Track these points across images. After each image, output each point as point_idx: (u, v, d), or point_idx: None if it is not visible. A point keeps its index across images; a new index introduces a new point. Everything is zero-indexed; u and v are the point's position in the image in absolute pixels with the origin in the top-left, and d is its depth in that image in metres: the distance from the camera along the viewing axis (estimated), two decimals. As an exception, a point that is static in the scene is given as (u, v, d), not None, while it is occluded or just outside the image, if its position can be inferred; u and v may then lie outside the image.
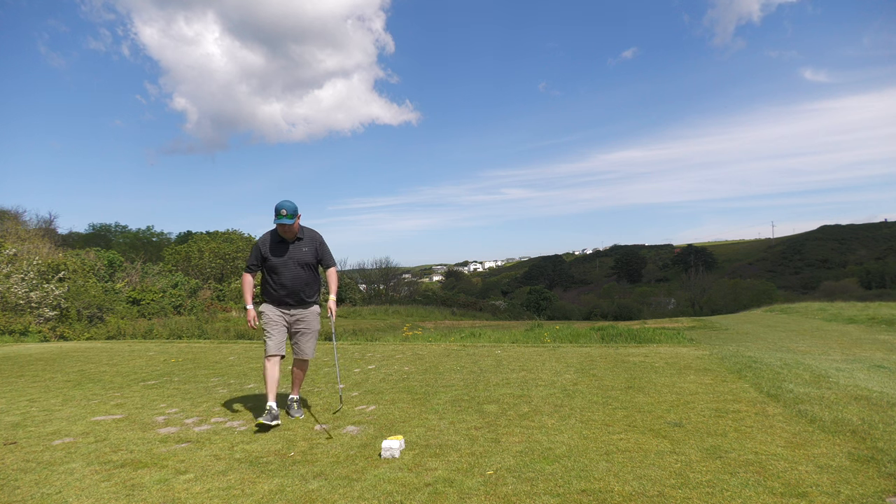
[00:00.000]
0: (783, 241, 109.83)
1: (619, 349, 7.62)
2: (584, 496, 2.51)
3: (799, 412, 3.80)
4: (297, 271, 4.08)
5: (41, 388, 5.80)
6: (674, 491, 2.53)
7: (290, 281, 4.06)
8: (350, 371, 6.37)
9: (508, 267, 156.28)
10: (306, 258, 4.12)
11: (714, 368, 5.72)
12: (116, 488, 2.78)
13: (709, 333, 11.26)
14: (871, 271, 66.00)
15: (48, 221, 27.63)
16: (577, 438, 3.38)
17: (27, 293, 14.89)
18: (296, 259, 4.08)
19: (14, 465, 3.20)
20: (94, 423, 4.19)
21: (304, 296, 4.15)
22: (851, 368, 5.71)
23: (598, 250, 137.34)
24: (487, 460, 3.03)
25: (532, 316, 33.49)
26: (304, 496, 2.62)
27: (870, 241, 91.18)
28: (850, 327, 11.48)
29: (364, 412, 4.28)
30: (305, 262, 4.11)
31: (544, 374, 5.64)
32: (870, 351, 7.46)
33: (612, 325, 12.59)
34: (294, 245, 4.11)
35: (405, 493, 2.60)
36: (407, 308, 37.31)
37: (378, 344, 9.65)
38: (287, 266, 4.06)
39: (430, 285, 75.44)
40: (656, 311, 46.59)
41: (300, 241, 4.14)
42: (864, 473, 2.66)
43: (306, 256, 4.12)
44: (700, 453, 3.03)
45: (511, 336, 10.78)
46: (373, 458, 3.15)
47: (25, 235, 20.07)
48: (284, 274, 4.06)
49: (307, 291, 4.16)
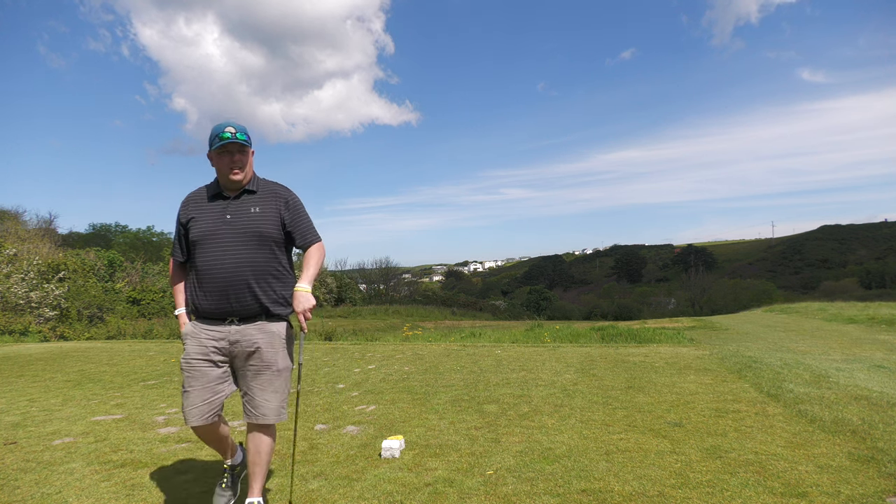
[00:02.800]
0: (783, 241, 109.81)
1: (619, 349, 7.62)
2: (584, 496, 2.51)
3: (799, 412, 3.80)
4: (242, 251, 2.32)
5: (41, 388, 5.80)
6: (674, 491, 2.53)
7: (227, 270, 2.30)
8: (350, 371, 6.37)
9: (508, 267, 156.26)
10: (260, 226, 2.36)
11: (714, 368, 5.72)
12: (116, 488, 2.78)
13: (709, 333, 11.26)
14: (871, 271, 66.01)
15: (48, 221, 27.62)
16: (577, 438, 3.38)
17: (27, 293, 14.89)
18: (239, 228, 2.34)
19: (14, 465, 3.19)
20: (95, 423, 4.18)
21: (255, 299, 2.34)
22: (851, 368, 5.71)
23: (598, 250, 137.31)
24: (487, 460, 3.03)
25: (532, 316, 33.46)
26: (304, 496, 2.62)
27: (870, 241, 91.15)
28: (850, 327, 11.48)
29: (364, 412, 4.28)
30: (258, 232, 2.35)
31: (544, 374, 5.64)
32: (870, 351, 7.45)
33: (612, 325, 12.58)
34: (237, 203, 2.38)
35: (405, 493, 2.61)
36: (407, 308, 37.30)
37: (378, 344, 9.66)
38: (222, 241, 2.32)
39: (430, 285, 75.42)
40: (656, 311, 46.53)
41: (250, 195, 2.41)
42: (864, 473, 2.66)
43: (261, 223, 2.36)
44: (700, 453, 3.03)
45: (511, 336, 10.78)
46: (373, 458, 3.15)
47: (25, 235, 20.08)
48: (217, 256, 2.31)
49: (263, 292, 2.35)
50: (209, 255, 2.33)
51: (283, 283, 2.44)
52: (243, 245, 2.33)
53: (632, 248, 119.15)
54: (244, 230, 2.34)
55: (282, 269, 2.43)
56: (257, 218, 2.37)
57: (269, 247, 2.38)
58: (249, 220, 2.36)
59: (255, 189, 2.43)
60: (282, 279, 2.43)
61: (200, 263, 2.34)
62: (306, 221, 2.49)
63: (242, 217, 2.36)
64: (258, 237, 2.35)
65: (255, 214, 2.37)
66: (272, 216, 2.40)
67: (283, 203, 2.44)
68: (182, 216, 2.44)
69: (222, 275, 2.30)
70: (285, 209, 2.44)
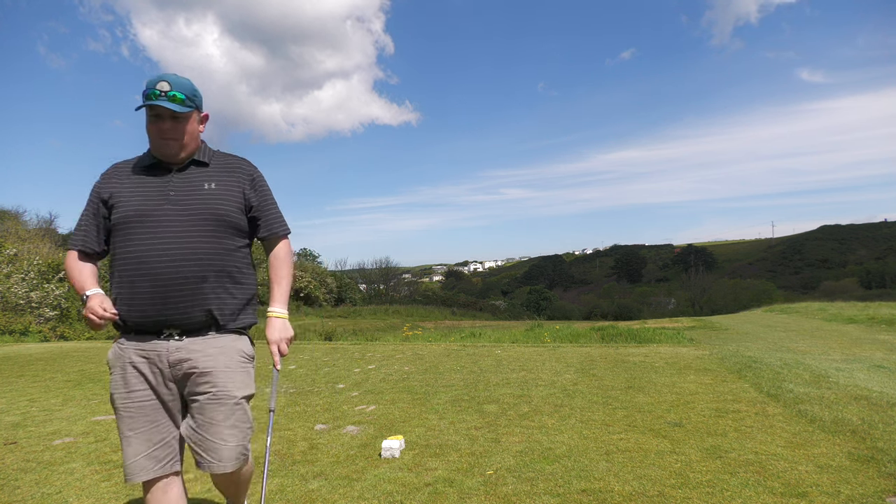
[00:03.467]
0: (783, 241, 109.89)
1: (619, 349, 7.62)
2: (584, 496, 2.51)
3: (799, 412, 3.80)
4: (189, 240, 1.74)
5: (41, 387, 5.80)
6: (674, 491, 2.53)
7: (166, 264, 1.71)
8: (350, 371, 6.37)
9: (508, 267, 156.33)
10: (217, 207, 1.79)
11: (714, 368, 5.72)
12: (116, 488, 2.79)
13: (709, 333, 11.25)
14: (871, 271, 66.09)
15: (48, 221, 27.61)
16: (577, 438, 3.38)
17: (27, 293, 14.89)
18: (187, 208, 1.76)
19: (14, 465, 3.20)
20: (95, 422, 4.18)
21: (204, 308, 1.76)
22: (851, 368, 5.71)
23: (598, 250, 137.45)
24: (487, 460, 3.03)
25: (532, 316, 33.46)
26: (304, 496, 2.62)
27: (870, 241, 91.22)
28: (850, 327, 11.47)
29: (364, 412, 4.28)
30: (214, 214, 1.78)
31: (544, 374, 5.64)
32: (870, 351, 7.45)
33: (612, 325, 12.58)
34: (183, 177, 1.81)
35: (405, 493, 2.61)
36: (407, 308, 37.33)
37: (378, 344, 9.66)
38: (160, 225, 1.73)
39: (430, 285, 75.46)
40: (656, 311, 46.55)
41: (200, 167, 1.84)
42: (864, 473, 2.66)
43: (217, 203, 1.80)
44: (700, 453, 3.03)
45: (511, 336, 10.79)
46: (373, 458, 3.15)
47: (26, 235, 20.06)
48: (153, 245, 1.71)
49: (217, 296, 1.78)
50: (141, 244, 1.69)
51: (242, 287, 1.82)
52: (191, 232, 1.72)
53: (632, 248, 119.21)
54: (194, 212, 1.73)
55: (242, 268, 1.83)
56: (213, 196, 1.77)
57: (226, 236, 1.78)
58: (202, 199, 1.75)
59: (206, 160, 1.84)
60: (241, 281, 1.82)
61: (128, 254, 1.70)
62: (275, 207, 1.94)
63: (192, 195, 1.75)
64: (213, 222, 1.75)
65: (210, 192, 1.78)
66: (233, 195, 1.82)
67: (249, 180, 1.87)
68: (102, 190, 1.79)
69: (159, 270, 1.67)
70: (251, 188, 1.87)
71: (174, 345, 1.74)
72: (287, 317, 1.92)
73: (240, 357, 1.82)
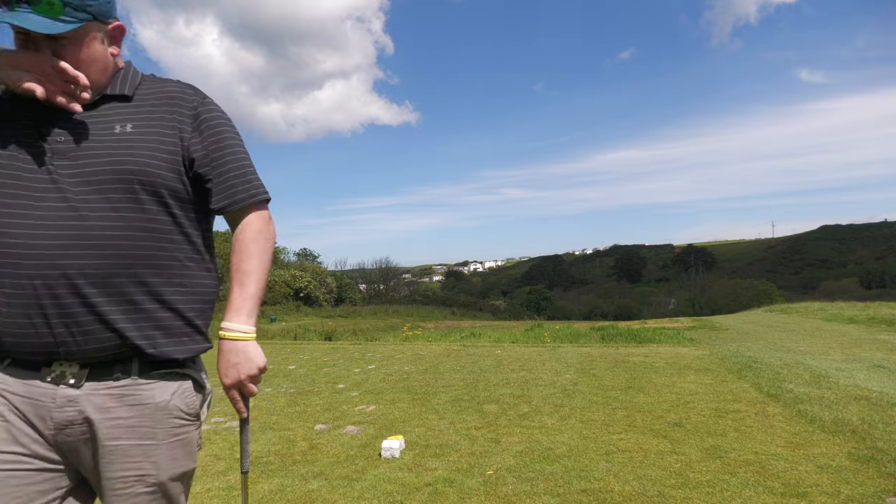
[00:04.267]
0: (783, 241, 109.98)
1: (619, 349, 7.63)
2: (584, 496, 2.51)
3: (799, 412, 3.80)
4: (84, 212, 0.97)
5: None
6: (674, 491, 2.53)
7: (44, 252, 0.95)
8: (350, 371, 6.37)
9: (508, 267, 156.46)
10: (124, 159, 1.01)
11: (714, 368, 5.73)
12: None
13: (709, 333, 11.25)
14: (871, 271, 66.14)
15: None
16: (577, 438, 3.38)
17: None
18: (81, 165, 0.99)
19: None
20: None
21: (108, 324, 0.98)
22: (851, 368, 5.71)
23: (598, 250, 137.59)
24: (487, 460, 3.03)
25: (532, 316, 33.48)
26: (304, 496, 2.62)
27: (870, 241, 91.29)
28: (850, 327, 11.47)
29: (364, 412, 4.28)
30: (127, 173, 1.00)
31: (544, 374, 5.65)
32: (870, 351, 7.45)
33: (613, 325, 12.59)
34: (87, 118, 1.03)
35: (405, 493, 2.61)
36: (407, 308, 37.36)
37: (378, 344, 9.67)
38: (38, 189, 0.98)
39: (430, 285, 75.51)
40: (656, 311, 46.57)
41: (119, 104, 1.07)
42: (864, 473, 2.66)
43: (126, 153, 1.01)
44: (700, 453, 3.03)
45: (511, 336, 10.79)
46: (373, 458, 3.15)
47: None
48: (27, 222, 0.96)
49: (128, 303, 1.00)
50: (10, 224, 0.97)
51: (184, 291, 1.09)
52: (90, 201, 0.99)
53: (632, 248, 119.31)
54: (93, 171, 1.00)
55: (184, 260, 1.09)
56: (126, 144, 1.03)
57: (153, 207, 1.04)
58: (107, 151, 1.02)
59: (128, 93, 1.09)
60: (183, 281, 1.09)
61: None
62: (237, 159, 1.15)
63: (92, 144, 1.02)
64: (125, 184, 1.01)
65: (123, 137, 1.03)
66: (161, 141, 1.06)
67: (190, 117, 1.11)
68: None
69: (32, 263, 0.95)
70: (193, 129, 1.11)
71: (63, 393, 0.99)
72: (253, 336, 1.13)
73: (176, 420, 1.08)
